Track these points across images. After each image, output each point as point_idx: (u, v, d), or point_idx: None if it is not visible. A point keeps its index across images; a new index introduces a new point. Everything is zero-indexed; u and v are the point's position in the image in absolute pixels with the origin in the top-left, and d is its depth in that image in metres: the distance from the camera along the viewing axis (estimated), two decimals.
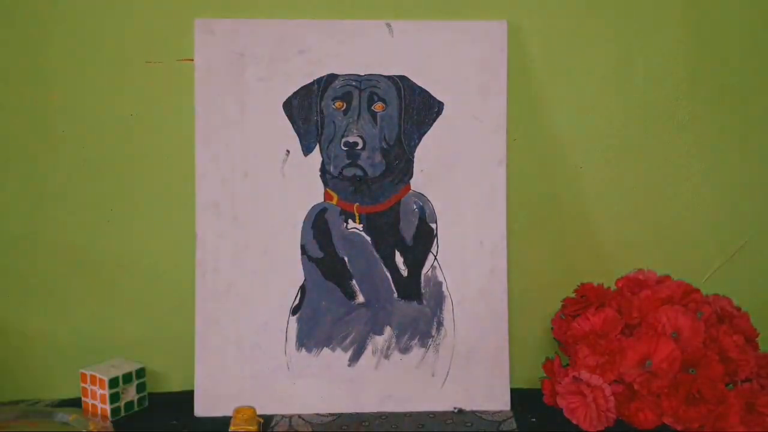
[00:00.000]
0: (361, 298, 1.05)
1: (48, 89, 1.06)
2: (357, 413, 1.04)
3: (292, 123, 1.04)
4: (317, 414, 1.03)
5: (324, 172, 1.05)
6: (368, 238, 1.05)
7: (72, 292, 1.10)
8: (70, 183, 1.08)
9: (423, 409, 1.05)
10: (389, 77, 1.04)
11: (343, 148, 1.04)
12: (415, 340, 1.05)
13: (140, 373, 1.04)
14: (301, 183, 1.04)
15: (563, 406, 0.95)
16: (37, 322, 1.11)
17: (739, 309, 0.99)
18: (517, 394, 1.05)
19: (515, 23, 1.05)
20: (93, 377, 1.01)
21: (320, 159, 1.04)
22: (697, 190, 1.09)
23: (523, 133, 1.07)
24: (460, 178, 1.05)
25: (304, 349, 1.05)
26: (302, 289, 1.05)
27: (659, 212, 1.10)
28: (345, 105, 1.04)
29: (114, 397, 1.01)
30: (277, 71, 1.03)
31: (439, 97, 1.04)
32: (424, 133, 1.05)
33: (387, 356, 1.05)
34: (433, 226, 1.05)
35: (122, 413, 1.02)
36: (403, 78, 1.04)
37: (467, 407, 1.05)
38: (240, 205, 1.04)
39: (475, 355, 1.05)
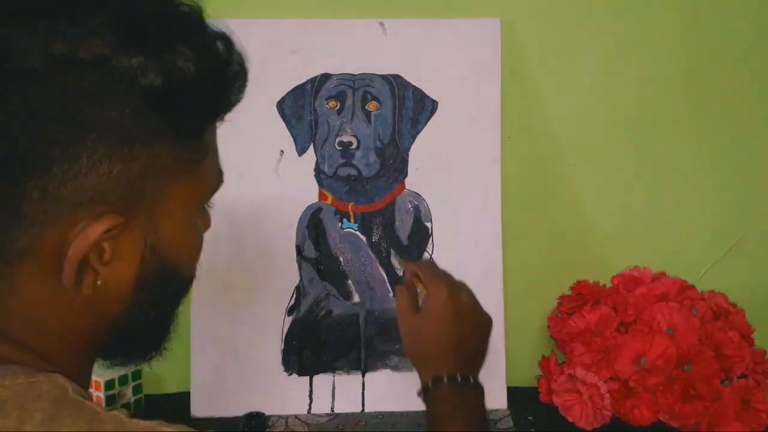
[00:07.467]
0: (356, 298, 1.05)
1: None
2: (354, 413, 1.04)
3: (285, 123, 1.03)
4: (314, 414, 1.03)
5: (318, 171, 1.04)
6: (363, 238, 1.04)
7: None
8: None
9: (420, 409, 1.04)
10: (383, 76, 1.04)
11: (337, 147, 1.03)
12: None
13: (136, 374, 1.04)
14: (295, 183, 1.04)
15: (559, 404, 0.95)
16: None
17: (734, 305, 0.99)
18: (513, 393, 1.05)
19: (508, 21, 1.04)
20: None
21: (314, 159, 1.04)
22: (691, 187, 1.09)
23: (517, 131, 1.07)
24: (455, 177, 1.05)
25: (300, 350, 1.05)
26: (298, 289, 1.05)
27: (654, 209, 1.10)
28: (339, 104, 1.04)
29: (110, 399, 1.00)
30: (270, 71, 1.03)
31: (433, 96, 1.04)
32: (419, 132, 1.04)
33: (383, 356, 1.05)
34: (428, 225, 1.05)
35: None
36: (396, 77, 1.04)
37: None
38: (235, 205, 1.04)
39: None
